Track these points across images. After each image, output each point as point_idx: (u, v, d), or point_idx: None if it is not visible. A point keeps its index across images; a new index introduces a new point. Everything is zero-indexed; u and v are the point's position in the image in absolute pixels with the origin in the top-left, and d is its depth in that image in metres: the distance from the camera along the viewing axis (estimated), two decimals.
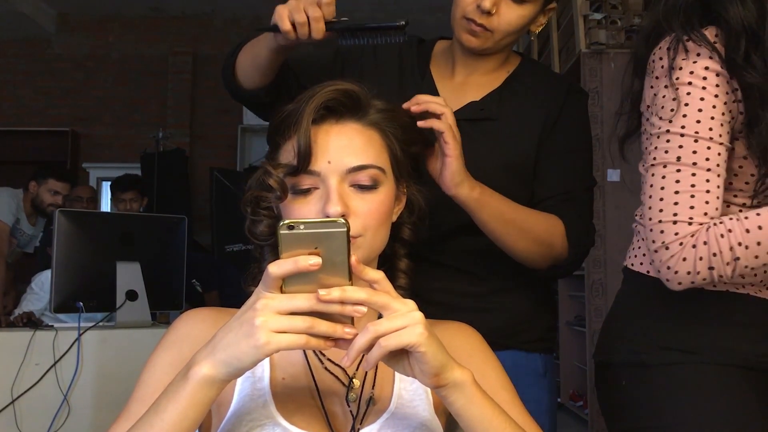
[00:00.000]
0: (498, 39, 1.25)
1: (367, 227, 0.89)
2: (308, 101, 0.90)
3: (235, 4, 6.17)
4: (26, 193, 3.86)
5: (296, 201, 0.90)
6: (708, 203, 0.99)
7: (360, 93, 0.93)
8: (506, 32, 1.24)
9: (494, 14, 1.21)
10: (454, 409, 0.78)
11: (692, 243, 0.98)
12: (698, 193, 0.99)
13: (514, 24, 1.23)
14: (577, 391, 4.06)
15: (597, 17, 3.48)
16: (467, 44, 1.26)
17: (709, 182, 1.00)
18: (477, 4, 1.20)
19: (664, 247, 1.00)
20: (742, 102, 1.02)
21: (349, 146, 0.91)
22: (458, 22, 1.25)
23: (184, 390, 0.73)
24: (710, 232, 0.98)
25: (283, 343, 0.70)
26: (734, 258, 0.97)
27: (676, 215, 1.00)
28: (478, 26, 1.22)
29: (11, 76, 6.41)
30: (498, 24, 1.23)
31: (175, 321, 0.94)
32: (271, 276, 0.71)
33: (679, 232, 0.99)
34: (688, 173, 1.00)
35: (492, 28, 1.23)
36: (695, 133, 1.00)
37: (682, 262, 0.99)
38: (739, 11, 1.01)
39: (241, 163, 6.21)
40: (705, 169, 1.00)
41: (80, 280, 2.36)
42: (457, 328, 0.99)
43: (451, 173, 1.11)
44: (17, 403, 2.19)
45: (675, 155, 1.01)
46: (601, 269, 3.41)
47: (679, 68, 1.03)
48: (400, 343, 0.72)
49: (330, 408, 0.89)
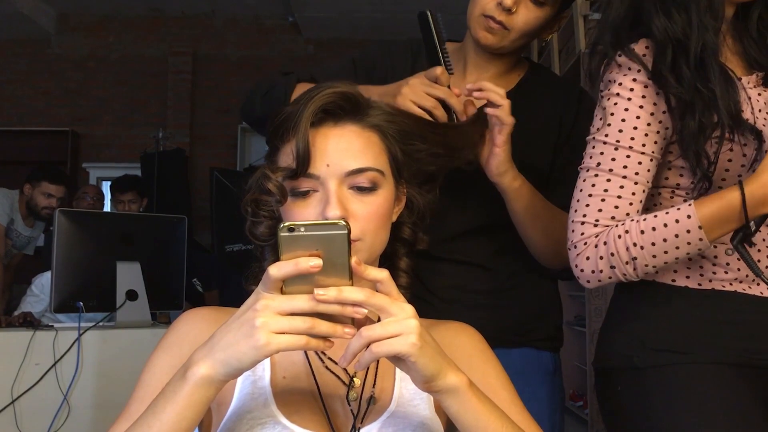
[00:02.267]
0: (514, 38, 1.27)
1: (366, 231, 0.89)
2: (306, 104, 0.89)
3: (235, 4, 6.17)
4: (21, 195, 3.85)
5: (296, 203, 0.90)
6: (617, 208, 1.04)
7: (358, 95, 0.93)
8: (522, 32, 1.27)
9: (514, 13, 1.24)
10: (449, 413, 0.79)
11: (594, 243, 1.04)
12: (609, 198, 1.04)
13: (531, 24, 1.26)
14: (577, 391, 4.06)
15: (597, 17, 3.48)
16: (483, 41, 1.28)
17: (623, 188, 1.04)
18: (498, 1, 1.23)
19: (573, 246, 1.06)
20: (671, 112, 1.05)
21: (348, 149, 0.90)
22: (476, 19, 1.27)
23: (182, 390, 0.73)
24: (610, 233, 1.03)
25: (283, 344, 0.70)
26: (632, 258, 1.01)
27: (585, 216, 1.05)
28: (496, 23, 1.25)
29: (11, 76, 6.41)
30: (516, 23, 1.25)
31: (175, 321, 0.94)
32: (272, 278, 0.70)
33: (584, 232, 1.05)
34: (604, 179, 1.05)
35: (510, 27, 1.25)
36: (616, 142, 1.06)
37: (585, 260, 1.05)
38: (664, 23, 1.04)
39: (241, 163, 6.21)
40: (621, 176, 1.05)
41: (80, 280, 2.36)
42: (458, 328, 0.99)
43: (497, 162, 1.17)
44: (17, 403, 2.19)
45: (596, 161, 1.07)
46: None
47: (609, 81, 1.09)
48: (391, 352, 0.72)
49: (331, 407, 0.89)
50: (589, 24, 3.51)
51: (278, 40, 6.37)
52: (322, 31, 6.26)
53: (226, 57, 6.38)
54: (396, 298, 0.75)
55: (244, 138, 6.30)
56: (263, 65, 6.34)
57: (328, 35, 6.28)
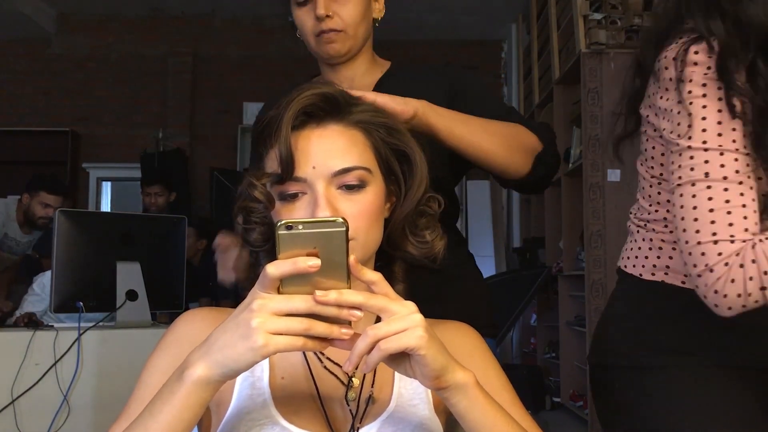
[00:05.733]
0: (352, 34, 1.35)
1: (358, 229, 0.88)
2: (286, 108, 0.88)
3: (235, 4, 6.17)
4: (19, 203, 3.86)
5: (285, 207, 0.89)
6: (746, 218, 0.93)
7: (339, 95, 0.92)
8: (355, 23, 1.35)
9: (333, 16, 1.32)
10: (456, 410, 0.78)
11: (739, 262, 0.91)
12: (734, 209, 0.93)
13: (355, 14, 1.34)
14: (577, 391, 4.06)
15: (597, 17, 3.48)
16: (332, 53, 1.36)
17: (744, 195, 0.94)
18: (315, 16, 1.32)
19: (708, 270, 0.93)
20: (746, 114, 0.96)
21: (332, 149, 0.89)
22: (314, 42, 1.36)
23: (179, 391, 0.72)
24: (757, 249, 0.91)
25: (281, 345, 0.69)
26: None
27: (716, 234, 0.93)
28: (329, 32, 1.33)
29: (11, 76, 6.41)
30: (342, 20, 1.33)
31: (175, 321, 0.94)
32: (269, 277, 0.70)
33: (722, 252, 0.92)
34: (720, 188, 0.94)
35: (341, 27, 1.34)
36: (719, 146, 0.94)
37: (730, 284, 0.92)
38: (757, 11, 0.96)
39: (241, 163, 6.20)
40: (737, 182, 0.94)
41: (80, 280, 2.36)
42: (457, 328, 0.99)
43: None
44: (17, 403, 2.19)
45: (702, 171, 0.95)
46: (601, 269, 3.42)
47: (689, 80, 0.97)
48: (400, 347, 0.72)
49: (329, 407, 0.89)
50: (589, 24, 3.51)
51: (278, 40, 6.37)
52: None
53: (226, 57, 6.38)
54: (393, 298, 0.74)
55: (244, 138, 6.30)
56: (263, 65, 6.34)
57: None
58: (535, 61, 4.92)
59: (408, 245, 0.97)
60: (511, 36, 6.05)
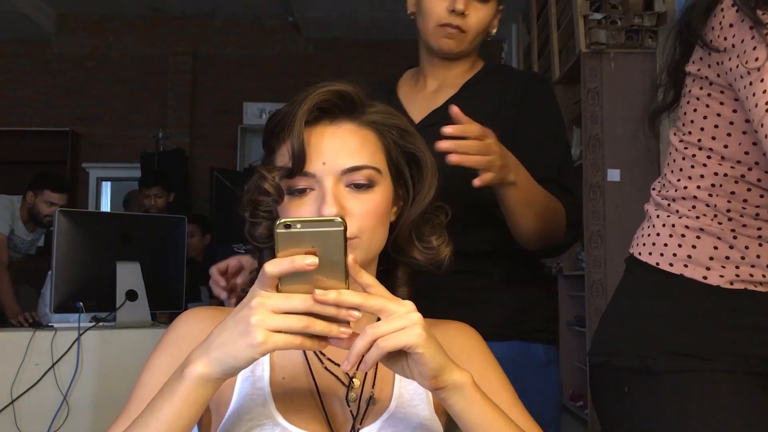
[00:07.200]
0: (471, 39, 1.38)
1: (364, 229, 0.88)
2: (301, 103, 0.89)
3: (235, 4, 6.17)
4: (24, 201, 3.88)
5: (293, 202, 0.90)
6: None
7: (354, 93, 0.93)
8: (477, 31, 1.38)
9: (467, 15, 1.34)
10: (453, 411, 0.78)
11: None
12: None
13: (483, 22, 1.37)
14: (577, 391, 4.06)
15: (597, 17, 3.48)
16: (446, 48, 1.37)
17: None
18: (450, 9, 1.33)
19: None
20: None
21: (344, 147, 0.90)
22: (434, 31, 1.37)
23: (180, 389, 0.73)
24: None
25: (279, 342, 0.70)
26: None
27: None
28: (454, 29, 1.35)
29: (11, 76, 6.41)
30: (470, 24, 1.36)
31: (175, 321, 0.94)
32: (268, 275, 0.70)
33: None
34: None
35: (466, 29, 1.36)
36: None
37: None
38: None
39: (241, 164, 6.21)
40: None
41: (80, 280, 2.36)
42: (457, 329, 0.99)
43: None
44: (17, 403, 2.19)
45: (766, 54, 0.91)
46: (601, 269, 3.41)
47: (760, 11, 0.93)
48: (398, 344, 0.72)
49: (330, 408, 0.89)
50: (589, 24, 3.51)
51: (278, 40, 6.38)
52: (322, 31, 6.26)
53: (226, 57, 6.38)
54: (390, 299, 0.74)
55: (244, 138, 6.31)
56: (263, 65, 6.34)
57: (328, 35, 6.27)
58: (535, 61, 4.92)
59: (414, 251, 0.97)
60: (511, 36, 6.05)
